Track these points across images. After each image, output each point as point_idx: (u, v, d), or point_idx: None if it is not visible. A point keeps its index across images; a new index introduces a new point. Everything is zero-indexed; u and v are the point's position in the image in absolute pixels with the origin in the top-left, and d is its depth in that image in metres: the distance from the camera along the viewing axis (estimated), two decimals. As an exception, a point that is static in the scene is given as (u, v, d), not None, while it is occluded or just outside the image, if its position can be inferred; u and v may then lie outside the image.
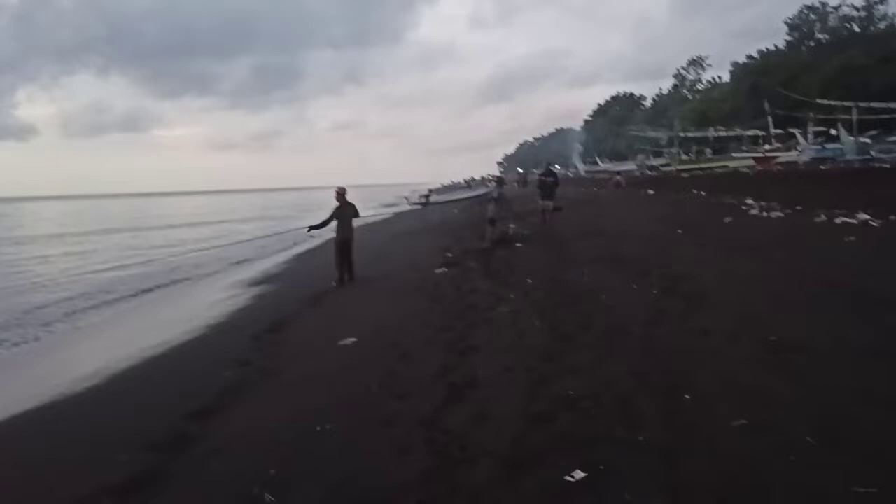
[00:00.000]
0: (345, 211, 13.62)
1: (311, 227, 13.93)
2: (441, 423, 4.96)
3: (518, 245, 15.64)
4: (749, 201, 18.33)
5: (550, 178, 19.49)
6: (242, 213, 69.62)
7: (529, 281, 10.57)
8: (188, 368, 8.28)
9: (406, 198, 77.61)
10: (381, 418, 5.22)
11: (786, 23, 75.08)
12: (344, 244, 13.49)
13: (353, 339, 8.12)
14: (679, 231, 14.27)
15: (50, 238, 40.51)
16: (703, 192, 25.54)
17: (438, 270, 13.15)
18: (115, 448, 5.36)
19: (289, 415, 5.72)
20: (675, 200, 24.55)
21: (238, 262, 21.52)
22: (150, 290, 16.98)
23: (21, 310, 14.45)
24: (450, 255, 15.45)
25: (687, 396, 4.79)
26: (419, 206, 50.71)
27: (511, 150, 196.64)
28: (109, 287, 17.39)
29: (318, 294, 12.42)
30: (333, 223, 13.56)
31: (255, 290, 14.82)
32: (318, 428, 5.18)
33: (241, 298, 13.88)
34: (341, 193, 13.70)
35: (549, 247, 14.72)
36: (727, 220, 15.29)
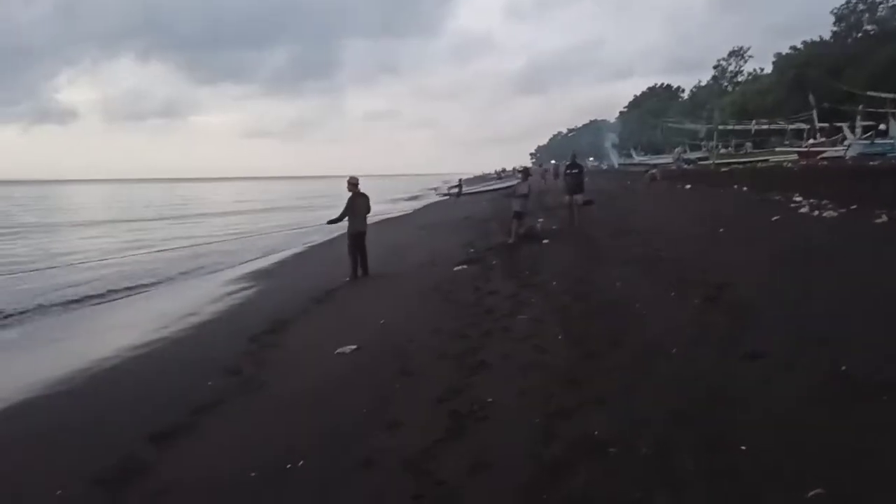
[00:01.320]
0: (358, 202, 12.77)
1: (330, 221, 13.17)
2: (431, 470, 4.04)
3: (545, 241, 14.65)
4: (797, 198, 17.02)
5: (576, 171, 18.28)
6: (274, 201, 69.12)
7: (554, 283, 9.60)
8: (172, 374, 7.49)
9: (435, 189, 77.09)
10: (362, 457, 4.32)
11: (833, 13, 72.27)
12: (357, 237, 12.71)
13: (354, 347, 7.27)
14: (721, 230, 13.12)
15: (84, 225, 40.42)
16: (744, 188, 24.15)
17: (458, 268, 12.26)
18: (53, 480, 4.55)
19: (260, 444, 4.86)
20: (714, 196, 23.24)
21: (259, 254, 20.69)
22: (161, 282, 16.26)
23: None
24: (472, 250, 14.57)
25: (743, 447, 3.78)
26: (450, 198, 49.73)
27: (544, 141, 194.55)
28: (129, 275, 16.68)
29: (328, 289, 11.65)
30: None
31: (266, 284, 14.09)
32: (289, 465, 4.34)
33: (251, 292, 13.17)
34: (354, 183, 12.88)
35: (578, 244, 13.69)
36: (774, 218, 14.04)
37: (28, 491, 4.53)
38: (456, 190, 50.95)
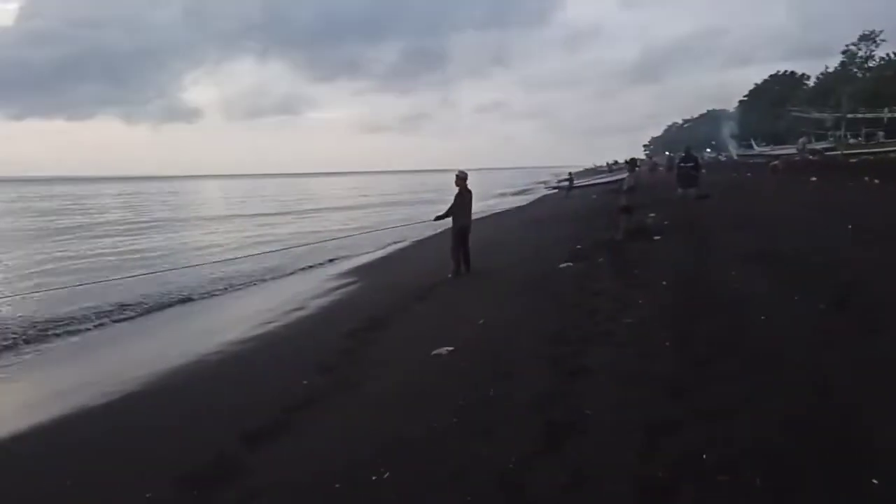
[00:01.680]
0: (465, 197, 12.63)
1: (438, 217, 13.02)
2: (525, 485, 3.79)
3: (655, 238, 13.99)
4: (940, 193, 15.64)
5: (690, 164, 17.37)
6: (389, 195, 70.21)
7: (663, 283, 9.08)
8: (270, 369, 7.65)
9: (544, 183, 76.28)
10: (452, 468, 4.12)
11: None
12: (462, 232, 12.57)
13: (451, 348, 7.08)
14: (849, 226, 12.13)
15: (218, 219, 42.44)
16: (876, 181, 22.38)
17: (563, 265, 11.89)
18: (146, 478, 4.61)
19: (349, 449, 4.74)
20: (842, 188, 21.65)
21: (371, 248, 20.97)
22: (274, 277, 16.76)
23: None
24: (579, 246, 14.11)
25: (875, 481, 3.32)
26: (560, 191, 48.84)
27: (658, 132, 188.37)
28: (249, 272, 17.31)
29: (430, 286, 11.60)
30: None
31: (371, 279, 14.20)
32: (374, 477, 4.16)
33: (355, 287, 13.30)
34: (462, 178, 12.74)
35: (691, 241, 12.97)
36: (914, 215, 12.90)
37: (117, 492, 4.58)
38: (566, 183, 50.02)
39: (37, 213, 50.53)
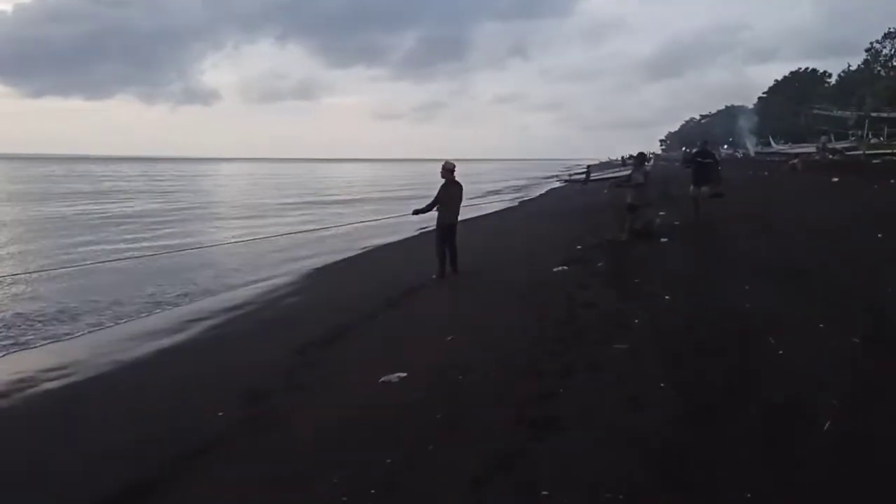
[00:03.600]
0: (451, 190, 11.34)
1: (417, 211, 11.70)
2: None
3: (662, 240, 12.70)
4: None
5: (708, 160, 15.90)
6: (404, 186, 68.29)
7: (666, 298, 7.84)
8: (179, 395, 6.34)
9: (556, 176, 74.92)
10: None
11: None
12: (448, 229, 11.30)
13: (403, 375, 5.87)
14: (879, 235, 10.80)
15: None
16: (903, 183, 20.91)
17: (558, 268, 10.69)
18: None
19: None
20: (867, 191, 20.19)
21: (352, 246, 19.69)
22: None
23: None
24: (579, 247, 12.88)
25: None
26: (576, 184, 47.47)
27: (675, 127, 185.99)
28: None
29: (408, 289, 10.41)
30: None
31: (347, 278, 13.04)
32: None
33: (323, 288, 12.08)
34: (450, 169, 11.40)
35: (701, 246, 11.70)
36: (952, 225, 11.49)
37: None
38: (583, 176, 48.75)
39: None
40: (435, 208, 11.28)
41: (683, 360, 5.46)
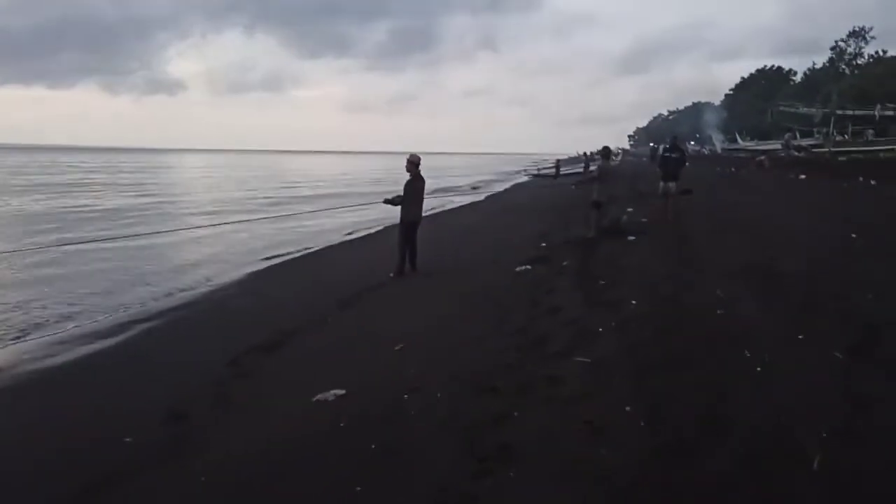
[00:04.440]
0: (417, 184, 10.77)
1: (387, 201, 11.09)
2: None
3: (630, 238, 12.20)
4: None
5: (675, 155, 15.35)
6: (368, 181, 67.16)
7: (633, 303, 7.29)
8: (102, 414, 5.60)
9: (524, 170, 74.62)
10: None
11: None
12: (410, 226, 10.79)
13: (342, 392, 5.26)
14: (853, 235, 10.41)
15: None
16: (873, 182, 20.71)
17: (521, 268, 10.15)
18: None
19: None
20: (836, 189, 19.98)
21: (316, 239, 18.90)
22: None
23: None
24: (544, 244, 12.36)
25: None
26: (545, 179, 47.09)
27: (643, 123, 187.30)
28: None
29: (364, 288, 9.85)
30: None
31: (296, 277, 12.34)
32: None
33: (275, 288, 11.40)
34: (415, 163, 10.85)
35: (670, 245, 11.19)
36: (927, 224, 11.13)
37: None
38: (552, 171, 48.55)
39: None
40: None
41: (652, 377, 4.90)
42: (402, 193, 10.70)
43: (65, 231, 19.49)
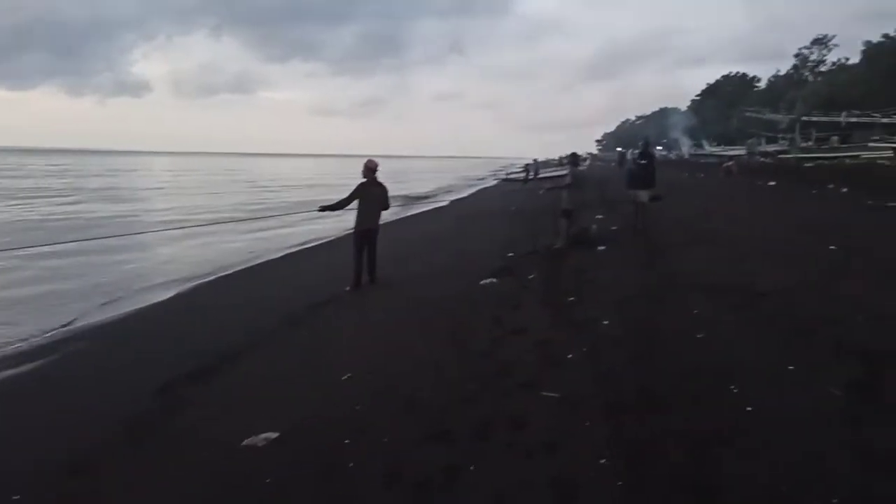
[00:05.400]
0: (371, 191, 10.05)
1: (324, 208, 10.36)
2: None
3: (600, 248, 11.64)
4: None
5: (644, 161, 14.61)
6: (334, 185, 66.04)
7: (605, 323, 6.70)
8: None
9: (494, 173, 74.20)
10: None
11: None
12: (366, 235, 10.10)
13: (273, 436, 4.55)
14: (832, 247, 9.94)
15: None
16: (844, 189, 20.44)
17: (486, 281, 9.53)
18: None
19: None
20: (805, 197, 19.68)
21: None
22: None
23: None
24: (511, 254, 11.75)
25: None
26: (514, 183, 46.44)
27: (612, 128, 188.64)
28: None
29: (317, 303, 9.20)
30: (354, 205, 10.11)
31: (245, 290, 11.56)
32: None
33: (223, 302, 10.61)
34: (372, 168, 10.15)
35: (642, 256, 10.63)
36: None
37: None
38: (521, 175, 48.09)
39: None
40: (347, 209, 10.02)
41: (629, 418, 4.28)
42: (343, 198, 10.01)
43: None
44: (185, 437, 4.88)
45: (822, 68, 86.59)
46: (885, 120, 51.92)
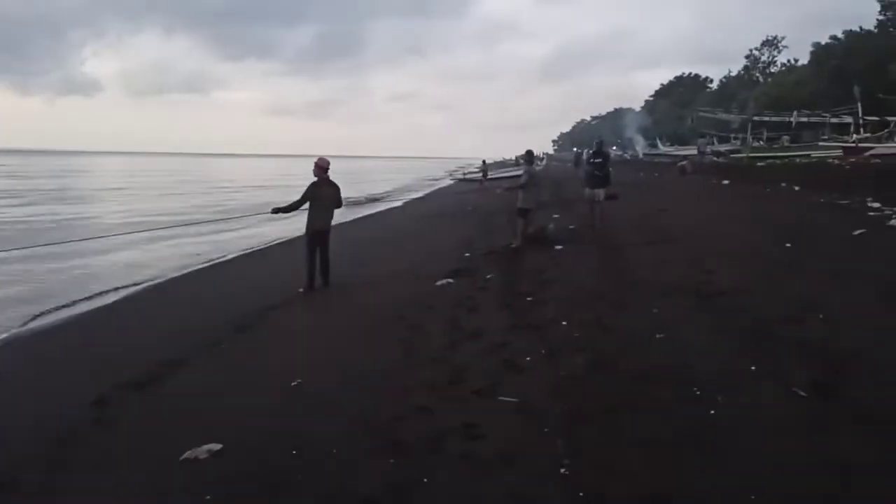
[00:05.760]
0: (323, 191, 9.78)
1: (277, 210, 10.11)
2: None
3: (557, 247, 11.53)
4: (874, 204, 13.74)
5: (599, 160, 14.56)
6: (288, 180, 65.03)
7: (563, 324, 6.55)
8: None
9: (450, 173, 74.07)
10: None
11: (878, 0, 67.14)
12: (318, 236, 9.83)
13: (216, 448, 4.26)
14: (787, 245, 9.97)
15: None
16: (796, 187, 20.73)
17: (442, 281, 9.36)
18: None
19: None
20: (761, 195, 19.90)
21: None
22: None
23: None
24: (467, 254, 11.59)
25: None
26: (471, 183, 46.27)
27: (567, 128, 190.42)
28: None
29: (266, 308, 8.76)
30: (305, 206, 9.84)
31: (193, 293, 11.14)
32: None
33: (169, 306, 10.20)
34: (323, 168, 9.88)
35: (600, 255, 10.56)
36: (858, 232, 10.71)
37: None
38: (479, 175, 47.87)
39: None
40: (301, 209, 9.76)
41: (589, 425, 4.11)
42: (295, 200, 9.78)
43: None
44: (121, 448, 4.56)
45: (773, 69, 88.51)
46: (833, 120, 53.03)
